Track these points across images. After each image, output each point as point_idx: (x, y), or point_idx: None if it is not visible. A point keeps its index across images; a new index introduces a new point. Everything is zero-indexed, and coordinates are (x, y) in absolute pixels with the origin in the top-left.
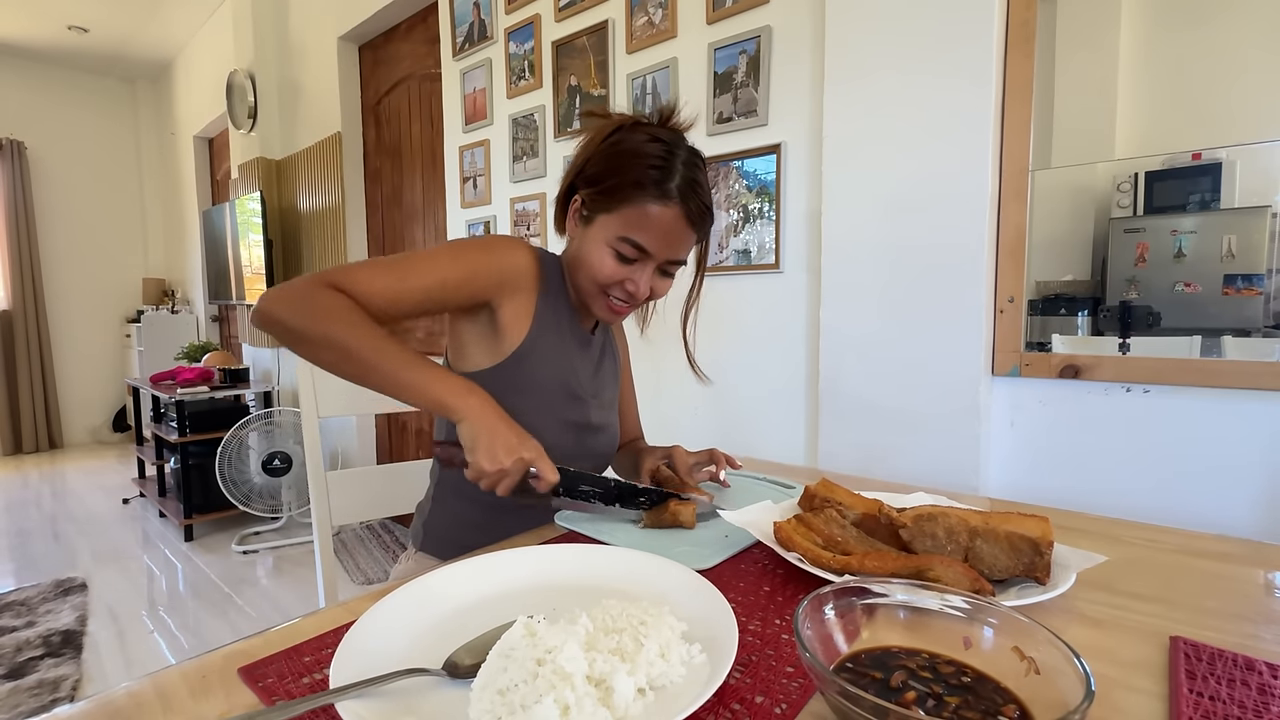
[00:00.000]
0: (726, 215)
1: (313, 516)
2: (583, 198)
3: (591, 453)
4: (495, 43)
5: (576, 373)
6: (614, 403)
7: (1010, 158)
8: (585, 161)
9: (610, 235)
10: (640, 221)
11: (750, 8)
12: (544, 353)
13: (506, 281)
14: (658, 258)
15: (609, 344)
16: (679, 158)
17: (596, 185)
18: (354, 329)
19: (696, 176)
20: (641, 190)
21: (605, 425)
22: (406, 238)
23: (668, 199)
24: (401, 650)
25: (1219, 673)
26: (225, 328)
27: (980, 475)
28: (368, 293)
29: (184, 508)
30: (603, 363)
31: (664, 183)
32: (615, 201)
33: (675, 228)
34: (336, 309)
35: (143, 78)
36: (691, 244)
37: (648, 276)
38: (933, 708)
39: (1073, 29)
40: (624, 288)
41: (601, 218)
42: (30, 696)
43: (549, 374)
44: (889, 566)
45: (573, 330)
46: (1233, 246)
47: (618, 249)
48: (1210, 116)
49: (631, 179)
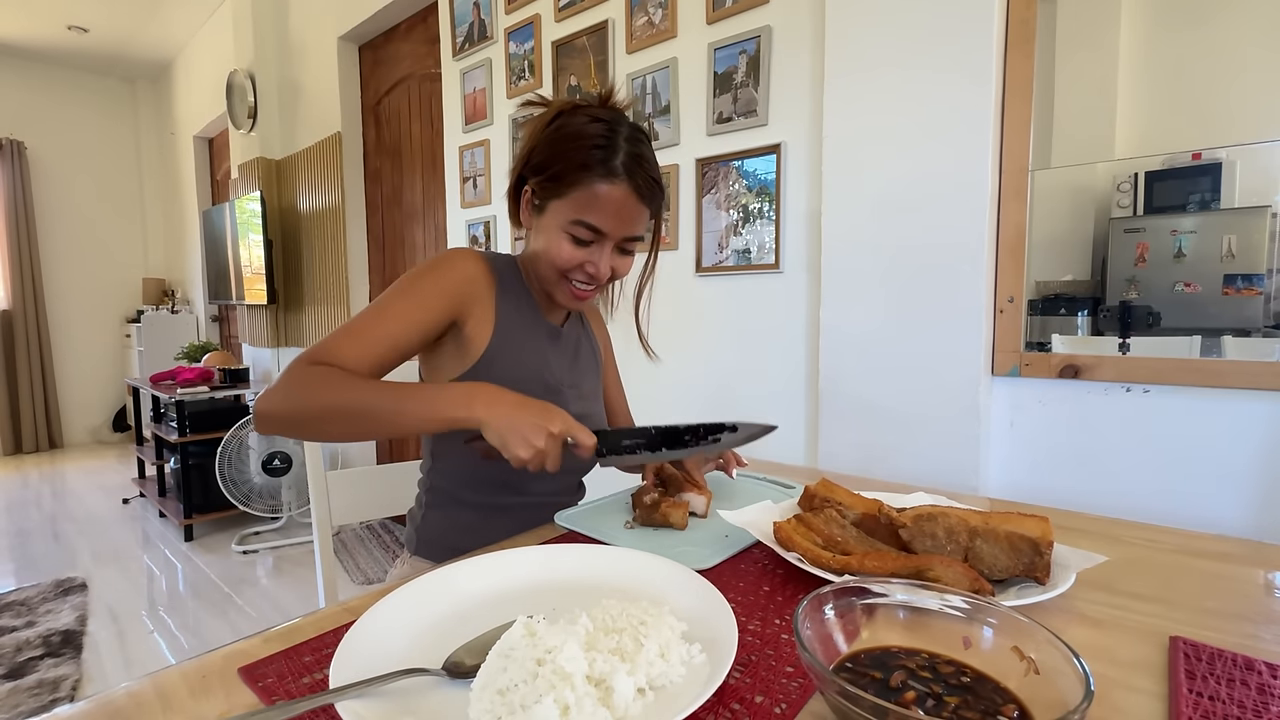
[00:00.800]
0: (726, 215)
1: (313, 516)
2: (532, 187)
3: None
4: (495, 43)
5: (549, 366)
6: (596, 393)
7: (1010, 157)
8: (530, 151)
9: (563, 220)
10: (591, 203)
11: (750, 8)
12: (512, 351)
13: (462, 294)
14: (613, 237)
15: (585, 335)
16: (621, 134)
17: (544, 172)
18: (343, 390)
19: (641, 151)
20: (588, 171)
21: (588, 415)
22: (406, 238)
23: (614, 177)
24: (401, 650)
25: (1219, 673)
26: (225, 328)
27: (980, 475)
28: (342, 361)
29: (184, 508)
30: (579, 353)
31: (609, 161)
32: (564, 186)
33: (626, 204)
34: (321, 380)
35: (143, 78)
36: (645, 219)
37: (606, 257)
38: (932, 708)
39: (1073, 29)
40: (584, 270)
41: (553, 204)
42: (30, 696)
43: (520, 372)
44: (889, 566)
45: (539, 325)
46: (1233, 246)
47: (573, 233)
48: (1210, 116)
49: (577, 161)
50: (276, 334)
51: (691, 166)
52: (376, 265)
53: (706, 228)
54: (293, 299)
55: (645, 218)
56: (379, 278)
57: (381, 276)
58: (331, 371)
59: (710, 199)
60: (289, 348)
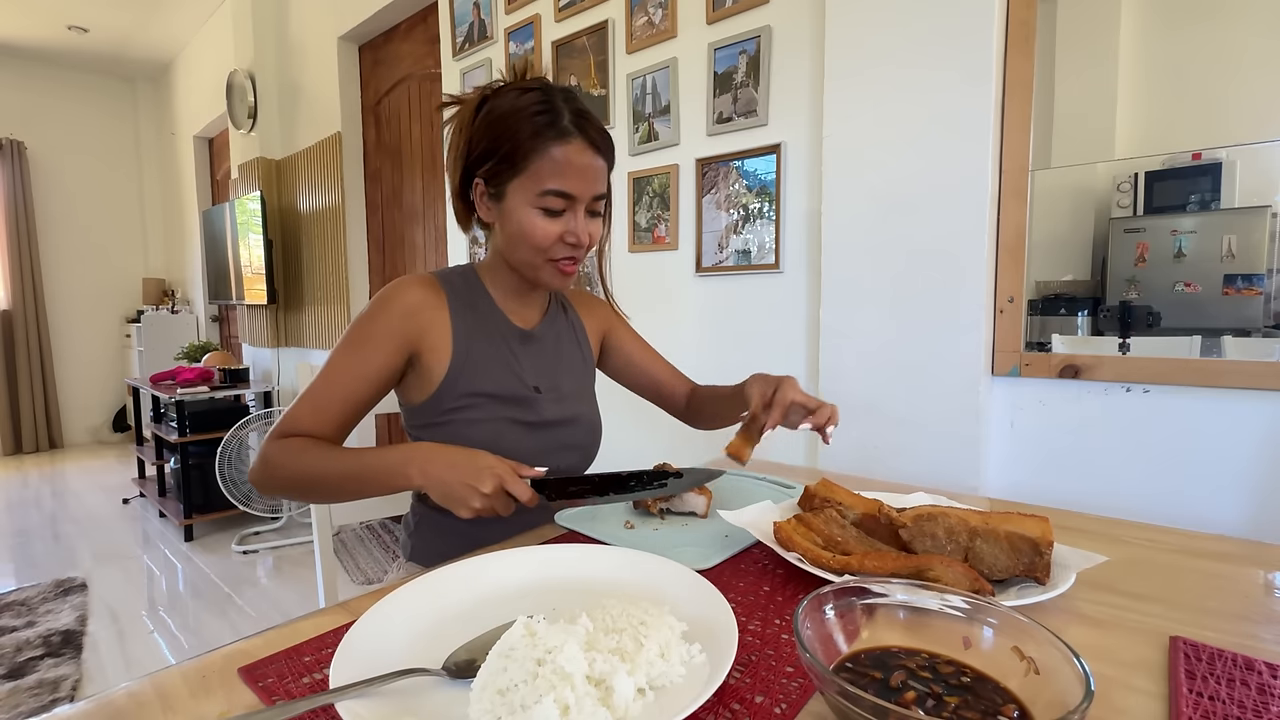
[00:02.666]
0: (726, 215)
1: (313, 516)
2: (483, 178)
3: (566, 446)
4: (495, 43)
5: (518, 373)
6: (581, 392)
7: (1010, 157)
8: (468, 144)
9: (529, 196)
10: (552, 169)
11: (750, 8)
12: (476, 365)
13: (406, 330)
14: (582, 198)
15: (567, 331)
16: (557, 96)
17: (492, 157)
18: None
19: (581, 107)
20: (539, 138)
21: (574, 417)
22: (406, 238)
23: (568, 136)
24: (401, 650)
25: (1219, 673)
26: (225, 328)
27: (980, 475)
28: (305, 428)
29: (184, 508)
30: (559, 352)
31: (557, 123)
32: (519, 162)
33: (585, 160)
34: (286, 456)
35: (143, 78)
36: (605, 175)
37: (581, 221)
38: (932, 708)
39: (1073, 29)
40: (564, 242)
41: (512, 185)
42: (30, 696)
43: (487, 385)
44: (889, 566)
45: (506, 331)
46: (1233, 246)
47: (543, 205)
48: (1210, 116)
49: (526, 133)
50: (276, 334)
51: (691, 166)
52: (376, 265)
53: (706, 228)
54: (293, 299)
55: (605, 172)
56: (379, 278)
57: (381, 276)
58: (293, 445)
59: (710, 199)
60: (289, 348)
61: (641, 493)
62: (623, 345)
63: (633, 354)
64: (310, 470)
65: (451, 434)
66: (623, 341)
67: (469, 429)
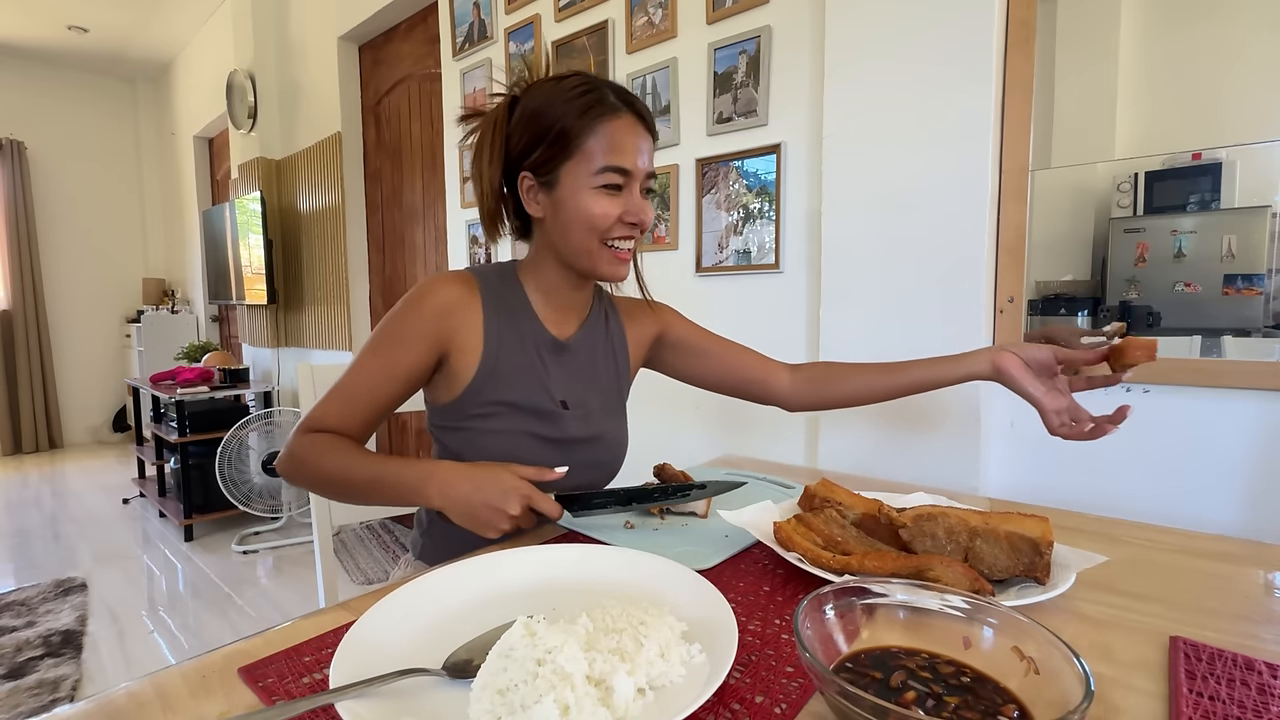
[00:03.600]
0: (726, 215)
1: (313, 516)
2: (531, 169)
3: (587, 463)
4: (495, 43)
5: (546, 386)
6: (612, 408)
7: (1010, 157)
8: (505, 145)
9: (587, 176)
10: (606, 145)
11: (750, 8)
12: (503, 372)
13: (437, 330)
14: (638, 174)
15: (605, 342)
16: (596, 78)
17: (539, 146)
18: (325, 460)
19: (620, 87)
20: (589, 115)
21: (599, 435)
22: (406, 238)
23: (617, 111)
24: (401, 650)
25: (1219, 673)
26: (225, 328)
27: (980, 475)
28: (332, 423)
29: (184, 508)
30: (595, 365)
31: (605, 99)
32: (572, 144)
33: (638, 135)
34: (312, 451)
35: (143, 78)
36: (653, 153)
37: (638, 198)
38: (932, 708)
39: (1073, 29)
40: (624, 221)
41: (566, 168)
42: (30, 696)
43: (512, 393)
44: (889, 566)
45: (539, 340)
46: (1233, 246)
47: (602, 182)
48: (1210, 116)
49: (575, 112)
50: (276, 334)
51: (691, 166)
52: (376, 265)
53: (706, 228)
54: (293, 299)
55: (653, 149)
56: (379, 278)
57: (381, 276)
58: (318, 442)
59: (710, 199)
60: (289, 348)
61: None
62: (685, 341)
63: (700, 346)
64: (333, 471)
65: (470, 441)
66: (684, 337)
67: (488, 439)
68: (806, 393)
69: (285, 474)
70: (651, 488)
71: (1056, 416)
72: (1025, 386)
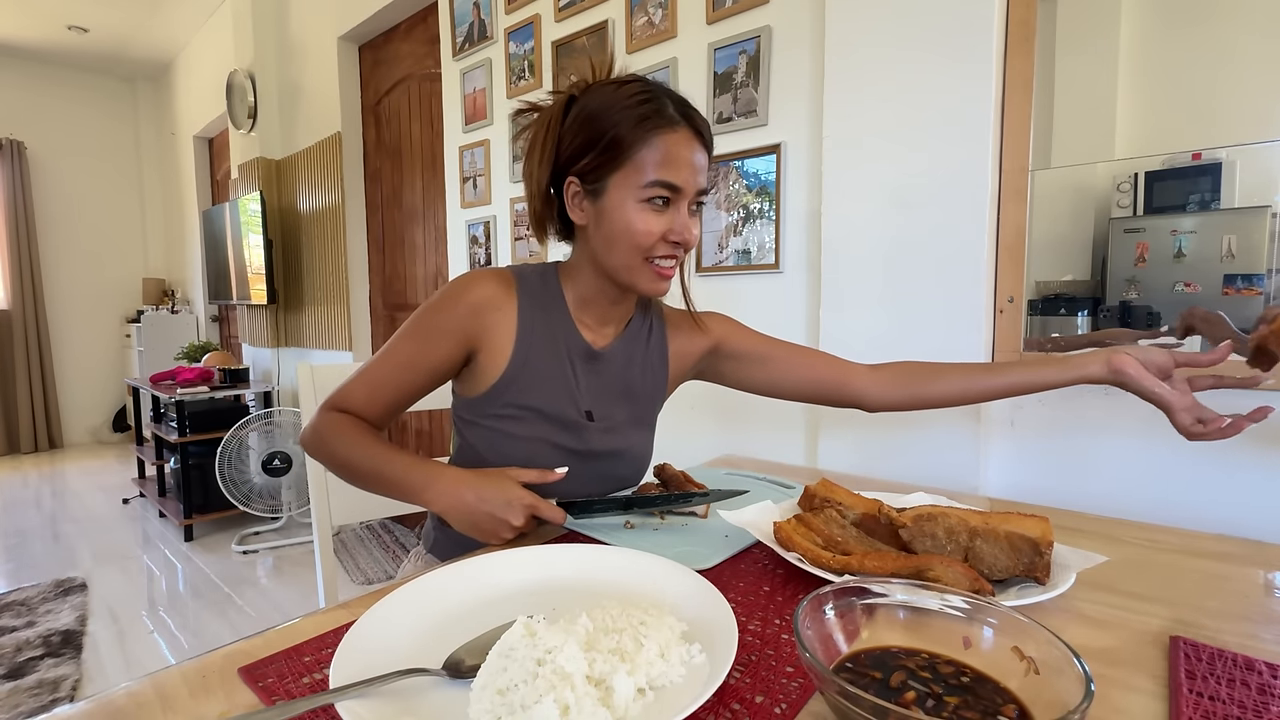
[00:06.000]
0: (726, 215)
1: (313, 516)
2: (579, 175)
3: (605, 477)
4: (495, 43)
5: (574, 395)
6: (640, 420)
7: (1010, 157)
8: (556, 146)
9: (635, 189)
10: (658, 159)
11: (750, 8)
12: (531, 376)
13: (470, 328)
14: (688, 191)
15: (643, 353)
16: (657, 86)
17: (589, 151)
18: (343, 442)
19: (682, 98)
20: (644, 126)
21: (622, 450)
22: (406, 238)
23: (674, 124)
24: (401, 650)
25: (1219, 673)
26: (225, 328)
27: (980, 475)
28: (356, 405)
29: (184, 508)
30: (627, 376)
31: (663, 111)
32: (624, 154)
33: (693, 151)
34: (331, 430)
35: (143, 78)
36: (708, 169)
37: (685, 218)
38: (932, 708)
39: (1073, 29)
40: (667, 240)
41: (614, 179)
42: (30, 696)
43: (538, 399)
44: (889, 566)
45: (572, 347)
46: (1233, 246)
47: (650, 195)
48: (1210, 116)
49: (630, 122)
50: (276, 334)
51: None
52: (376, 265)
53: (706, 228)
54: (293, 299)
55: (707, 166)
56: (379, 278)
57: (381, 276)
58: (339, 423)
59: (710, 199)
60: (289, 348)
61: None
62: (746, 350)
63: (764, 353)
64: (346, 455)
65: (490, 441)
66: (745, 346)
67: (507, 442)
68: (893, 393)
69: (307, 446)
70: (653, 494)
71: (1186, 415)
72: (1150, 386)
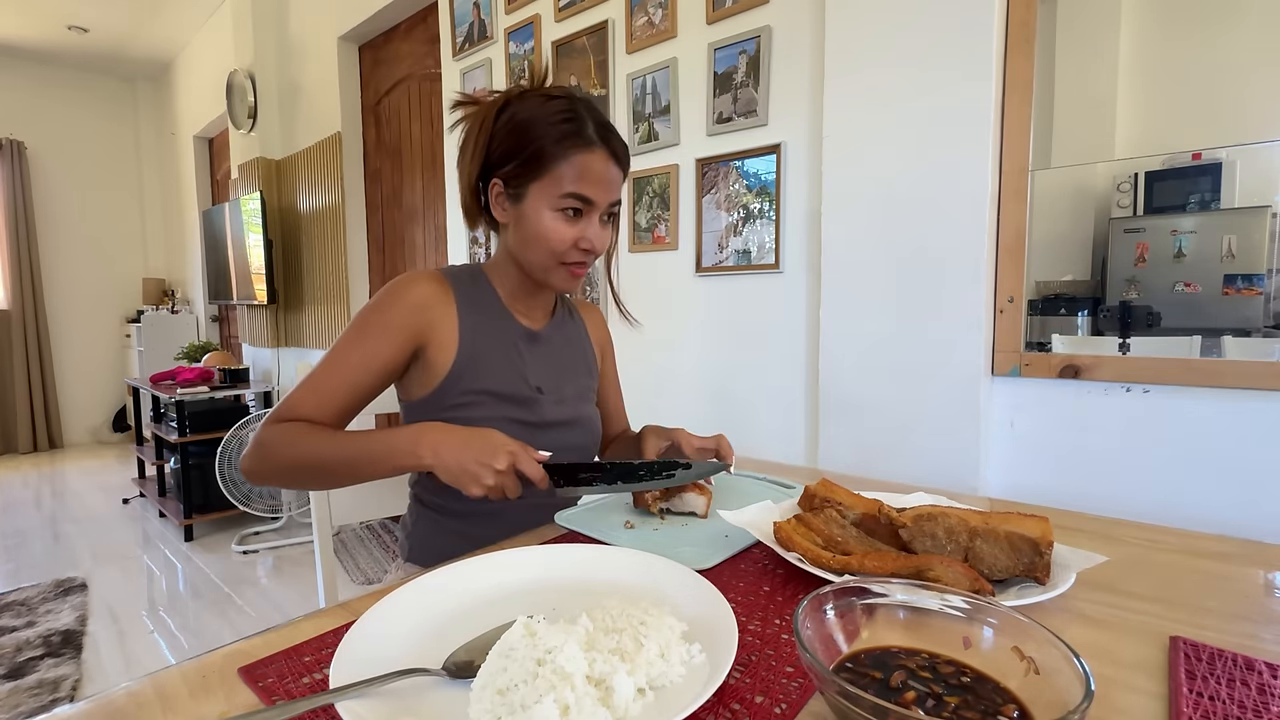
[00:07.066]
0: (726, 215)
1: (313, 516)
2: (503, 179)
3: (566, 447)
4: (495, 43)
5: (523, 373)
6: (585, 394)
7: (1010, 157)
8: (488, 145)
9: (551, 199)
10: (574, 174)
11: (750, 8)
12: (481, 362)
13: (414, 323)
14: (600, 205)
15: (574, 334)
16: (581, 105)
17: (514, 159)
18: (302, 446)
19: (604, 119)
20: (565, 144)
21: (574, 419)
22: (406, 238)
23: (592, 145)
24: (401, 650)
25: (1219, 673)
26: (225, 328)
27: (980, 475)
28: (304, 414)
29: (184, 508)
30: (565, 355)
31: (583, 131)
32: (543, 165)
33: (607, 169)
34: (284, 438)
35: (143, 78)
36: (621, 184)
37: (596, 228)
38: (932, 708)
39: (1073, 29)
40: (579, 247)
41: (533, 187)
42: (30, 696)
43: (490, 383)
44: (889, 566)
45: (511, 331)
46: (1233, 246)
47: (565, 206)
48: (1210, 116)
49: (552, 138)
50: (276, 334)
51: (691, 166)
52: (376, 265)
53: (706, 228)
54: (293, 299)
55: (621, 181)
56: (379, 278)
57: (381, 276)
58: (292, 428)
59: (710, 199)
60: (289, 348)
61: (651, 482)
62: (604, 371)
63: (606, 384)
64: (310, 454)
65: None
66: (605, 367)
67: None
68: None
69: (250, 469)
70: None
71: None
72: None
